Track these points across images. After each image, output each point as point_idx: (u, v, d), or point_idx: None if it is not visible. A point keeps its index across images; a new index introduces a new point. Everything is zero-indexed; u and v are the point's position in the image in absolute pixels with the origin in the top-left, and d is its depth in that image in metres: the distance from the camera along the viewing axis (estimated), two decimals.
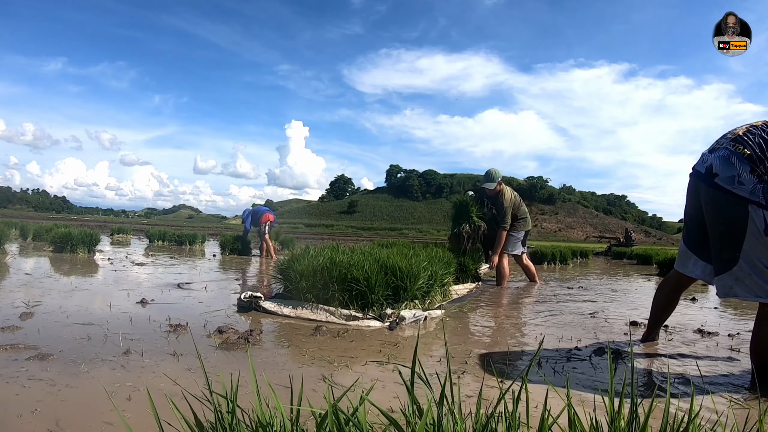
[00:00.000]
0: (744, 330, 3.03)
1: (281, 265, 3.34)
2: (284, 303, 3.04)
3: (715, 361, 2.23)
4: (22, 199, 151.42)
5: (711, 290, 5.76)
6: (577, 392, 1.67)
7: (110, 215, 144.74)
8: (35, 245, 8.53)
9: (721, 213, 1.85)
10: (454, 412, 0.80)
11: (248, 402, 0.94)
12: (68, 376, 1.62)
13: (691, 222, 2.05)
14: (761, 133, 1.80)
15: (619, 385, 1.69)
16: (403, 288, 3.02)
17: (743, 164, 1.78)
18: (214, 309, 3.04)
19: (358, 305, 2.90)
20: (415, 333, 2.57)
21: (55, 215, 74.17)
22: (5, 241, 6.51)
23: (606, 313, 3.53)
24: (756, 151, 1.77)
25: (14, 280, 3.98)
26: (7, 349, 1.89)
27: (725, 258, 1.86)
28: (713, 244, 1.91)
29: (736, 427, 0.90)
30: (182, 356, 1.91)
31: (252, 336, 2.26)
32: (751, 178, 1.76)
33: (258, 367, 1.83)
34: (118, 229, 13.95)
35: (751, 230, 1.76)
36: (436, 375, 1.23)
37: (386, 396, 1.54)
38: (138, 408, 1.36)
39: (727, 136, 1.90)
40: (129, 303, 3.11)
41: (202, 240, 11.81)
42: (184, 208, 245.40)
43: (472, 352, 2.19)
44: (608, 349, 1.12)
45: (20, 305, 2.82)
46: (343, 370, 1.85)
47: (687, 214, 2.08)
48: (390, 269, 3.06)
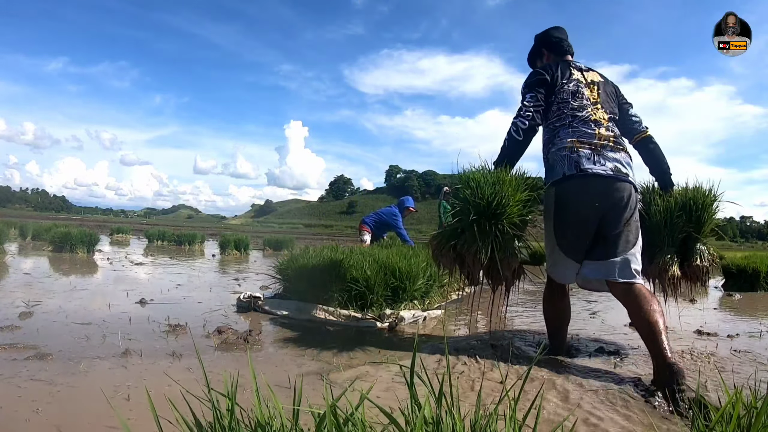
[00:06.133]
0: (742, 330, 3.03)
1: (280, 266, 3.33)
2: (283, 303, 3.04)
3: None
4: (22, 199, 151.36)
5: (711, 292, 5.77)
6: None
7: (110, 215, 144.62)
8: (34, 245, 8.52)
9: (632, 201, 1.96)
10: (453, 412, 0.79)
11: (248, 402, 0.94)
12: (67, 375, 1.62)
13: (578, 227, 1.98)
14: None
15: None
16: (403, 288, 3.02)
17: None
18: (213, 309, 3.04)
19: (357, 305, 2.90)
20: (414, 333, 2.56)
21: (54, 215, 74.18)
22: (4, 241, 6.51)
23: (606, 314, 3.53)
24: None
25: (13, 280, 3.98)
26: (6, 349, 1.89)
27: (630, 240, 1.94)
28: (618, 234, 1.92)
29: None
30: (181, 356, 1.90)
31: (251, 336, 2.25)
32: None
33: (257, 367, 1.83)
34: (117, 229, 13.93)
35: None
36: (436, 374, 1.23)
37: (386, 396, 1.53)
38: (137, 408, 1.36)
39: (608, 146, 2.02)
40: (128, 303, 3.11)
41: (202, 240, 11.80)
42: (183, 208, 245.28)
43: (471, 353, 2.19)
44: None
45: (19, 305, 2.82)
46: (342, 370, 1.85)
47: (577, 220, 1.99)
48: (389, 270, 3.06)
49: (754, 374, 1.86)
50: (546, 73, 2.10)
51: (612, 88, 2.21)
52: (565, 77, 2.09)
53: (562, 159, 1.99)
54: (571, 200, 1.97)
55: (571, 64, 2.17)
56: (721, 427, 0.90)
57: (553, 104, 2.09)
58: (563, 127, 2.04)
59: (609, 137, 2.01)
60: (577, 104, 2.05)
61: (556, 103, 2.08)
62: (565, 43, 2.26)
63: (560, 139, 2.03)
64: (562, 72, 2.10)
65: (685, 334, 2.89)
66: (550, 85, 2.08)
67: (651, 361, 1.82)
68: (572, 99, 2.05)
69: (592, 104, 2.06)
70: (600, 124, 2.02)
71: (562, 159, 1.99)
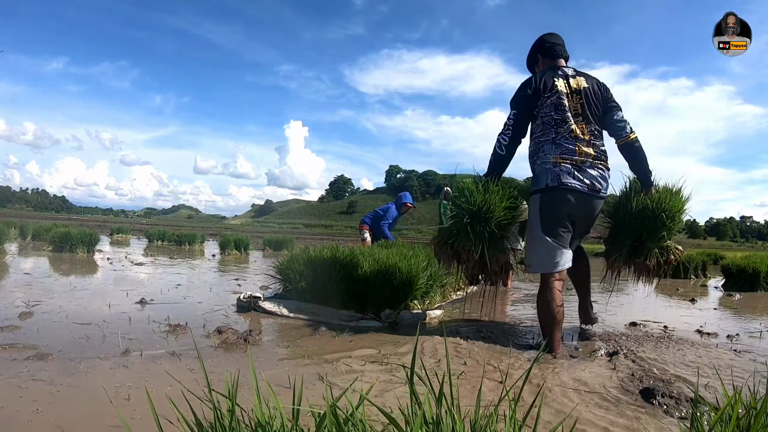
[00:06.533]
0: (743, 331, 3.03)
1: (280, 266, 3.33)
2: (283, 303, 3.04)
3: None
4: (22, 199, 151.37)
5: (711, 292, 5.77)
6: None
7: (110, 215, 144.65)
8: (34, 245, 8.52)
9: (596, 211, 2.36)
10: (453, 412, 0.79)
11: (248, 402, 0.94)
12: (68, 375, 1.62)
13: (562, 224, 2.27)
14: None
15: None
16: (403, 288, 3.02)
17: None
18: (213, 309, 3.04)
19: (357, 305, 2.90)
20: (414, 333, 2.56)
21: (54, 215, 74.17)
22: (4, 241, 6.50)
23: (605, 314, 3.53)
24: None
25: (13, 280, 3.98)
26: (7, 349, 1.89)
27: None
28: (584, 232, 2.42)
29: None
30: (181, 356, 1.91)
31: (251, 336, 2.25)
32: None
33: (257, 367, 1.83)
34: (117, 229, 13.94)
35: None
36: (436, 375, 1.23)
37: (386, 396, 1.53)
38: (138, 408, 1.36)
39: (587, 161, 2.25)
40: (128, 303, 3.11)
41: (202, 240, 11.80)
42: (183, 208, 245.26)
43: (471, 352, 2.19)
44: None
45: (19, 305, 2.82)
46: (342, 370, 1.85)
47: (560, 219, 2.27)
48: (389, 270, 3.06)
49: (754, 374, 1.87)
50: (529, 88, 2.29)
51: (601, 91, 2.33)
52: (548, 90, 2.25)
53: (546, 171, 2.24)
54: (552, 207, 2.25)
55: (558, 72, 2.31)
56: (721, 427, 0.90)
57: (537, 117, 2.29)
58: (547, 142, 2.25)
59: (589, 154, 2.22)
60: (559, 117, 2.23)
61: (540, 117, 2.28)
62: (558, 48, 2.40)
63: (545, 154, 2.26)
64: (545, 84, 2.26)
65: (685, 334, 2.89)
66: (533, 99, 2.27)
67: (651, 362, 1.82)
68: (554, 112, 2.24)
69: (573, 116, 2.23)
70: (581, 140, 2.22)
71: (546, 171, 2.24)
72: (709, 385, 1.81)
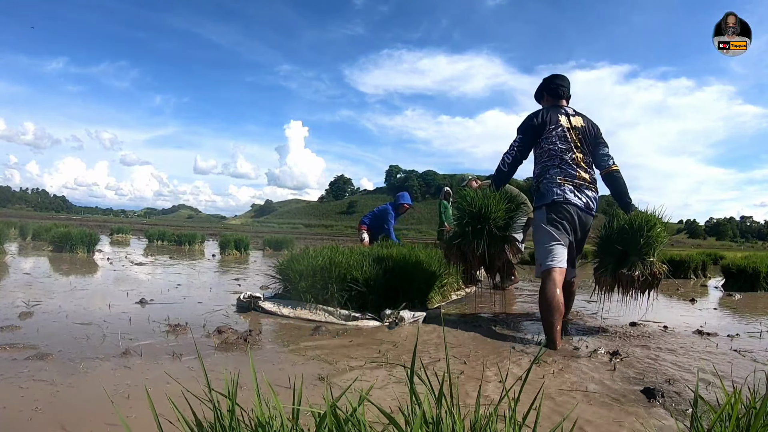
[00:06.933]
0: (742, 330, 3.03)
1: (280, 266, 3.33)
2: (283, 303, 3.04)
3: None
4: (22, 199, 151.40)
5: (711, 292, 5.77)
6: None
7: (110, 215, 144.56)
8: (34, 245, 8.53)
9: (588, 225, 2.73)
10: (453, 412, 0.80)
11: (248, 401, 0.94)
12: (68, 375, 1.62)
13: (564, 229, 2.61)
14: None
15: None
16: (403, 288, 3.02)
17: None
18: (213, 309, 3.04)
19: (357, 305, 2.90)
20: (414, 333, 2.56)
21: (54, 215, 74.17)
22: (5, 241, 6.50)
23: (606, 314, 3.53)
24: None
25: (13, 280, 3.98)
26: (7, 349, 1.89)
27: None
28: (581, 242, 2.75)
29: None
30: (181, 356, 1.91)
31: (251, 336, 2.25)
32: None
33: (257, 367, 1.83)
34: (117, 229, 13.93)
35: None
36: (436, 374, 1.23)
37: (386, 396, 1.54)
38: (138, 407, 1.36)
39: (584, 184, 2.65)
40: (128, 303, 3.11)
41: (202, 240, 11.80)
42: (183, 208, 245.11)
43: (471, 353, 2.19)
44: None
45: (20, 305, 2.82)
46: (342, 370, 1.85)
47: (570, 226, 2.62)
48: (389, 270, 3.06)
49: (754, 374, 1.87)
50: (536, 118, 2.69)
51: (594, 130, 2.75)
52: (552, 123, 2.66)
53: (551, 189, 2.61)
54: (557, 214, 2.59)
55: (561, 110, 2.71)
56: (720, 427, 0.90)
57: (542, 145, 2.67)
58: (553, 166, 2.64)
59: (586, 179, 2.65)
60: (564, 147, 2.63)
61: (546, 145, 2.66)
62: (562, 90, 2.78)
63: (551, 175, 2.63)
64: (551, 118, 2.66)
65: (685, 334, 2.89)
66: (539, 129, 2.67)
67: (651, 362, 1.81)
68: (560, 142, 2.64)
69: (574, 147, 2.65)
70: (580, 167, 2.64)
71: (552, 189, 2.61)
72: (710, 385, 1.81)
